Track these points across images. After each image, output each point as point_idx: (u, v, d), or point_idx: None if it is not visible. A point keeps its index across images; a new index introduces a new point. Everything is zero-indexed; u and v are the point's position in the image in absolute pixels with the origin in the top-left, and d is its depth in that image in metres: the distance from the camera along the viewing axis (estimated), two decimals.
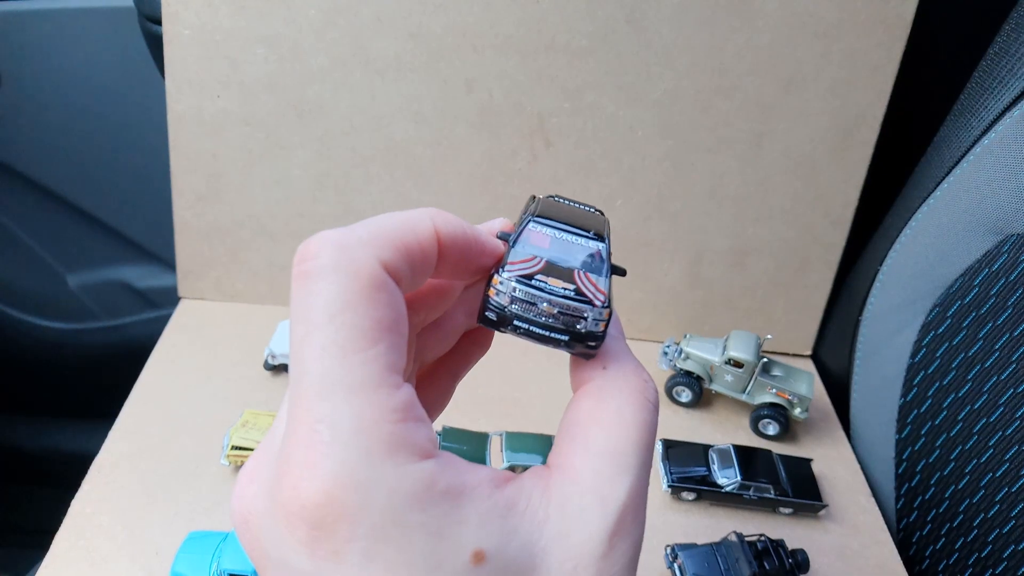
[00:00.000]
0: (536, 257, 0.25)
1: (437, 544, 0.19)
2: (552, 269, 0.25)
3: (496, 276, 0.25)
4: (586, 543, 0.21)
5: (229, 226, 0.74)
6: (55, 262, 1.01)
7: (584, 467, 0.22)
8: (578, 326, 0.25)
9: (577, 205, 0.29)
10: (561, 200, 0.29)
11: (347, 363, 0.20)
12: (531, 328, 0.25)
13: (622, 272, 0.27)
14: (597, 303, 0.25)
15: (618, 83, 0.67)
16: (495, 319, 0.25)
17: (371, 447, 0.19)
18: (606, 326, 0.25)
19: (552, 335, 0.25)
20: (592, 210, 0.29)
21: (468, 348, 0.30)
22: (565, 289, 0.25)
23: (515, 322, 0.25)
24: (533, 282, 0.24)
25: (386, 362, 0.20)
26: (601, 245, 0.26)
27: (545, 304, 0.24)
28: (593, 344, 0.25)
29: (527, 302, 0.24)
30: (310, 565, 0.19)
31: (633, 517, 0.22)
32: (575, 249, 0.26)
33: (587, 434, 0.23)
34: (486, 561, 0.20)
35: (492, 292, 0.25)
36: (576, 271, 0.25)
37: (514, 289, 0.24)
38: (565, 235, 0.26)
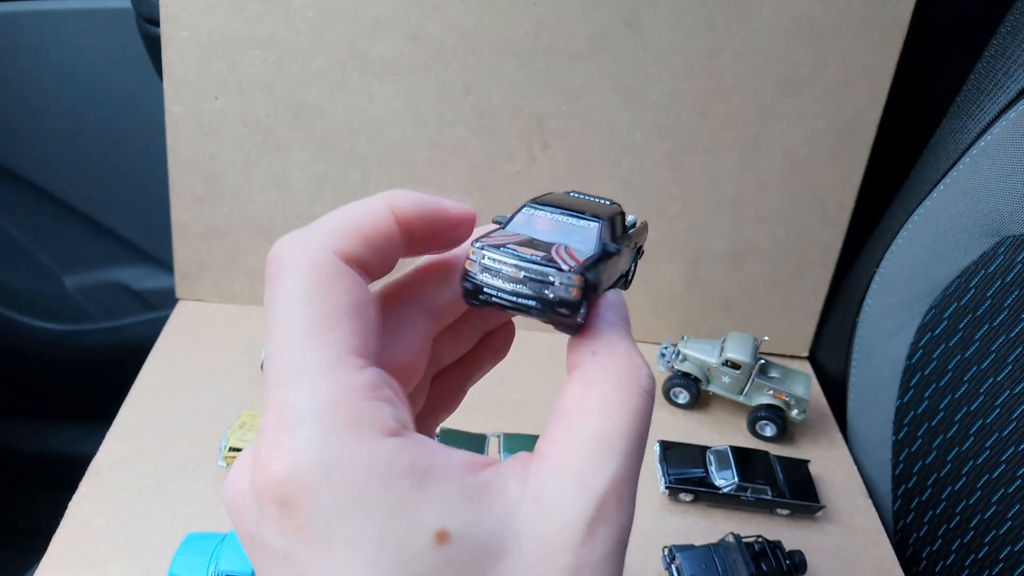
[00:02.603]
0: (519, 234, 0.25)
1: (398, 521, 0.19)
2: (531, 243, 0.25)
3: (471, 248, 0.24)
4: (562, 529, 0.21)
5: (227, 228, 0.74)
6: (52, 263, 1.01)
7: (566, 453, 0.22)
8: (546, 291, 0.24)
9: (591, 198, 0.28)
10: (576, 194, 0.28)
11: (306, 348, 0.21)
12: (500, 295, 0.24)
13: (615, 250, 0.26)
14: (565, 268, 0.24)
15: (616, 86, 0.67)
16: (470, 289, 0.25)
17: (331, 425, 0.20)
18: (580, 293, 0.24)
19: (520, 301, 0.24)
20: (607, 202, 0.28)
21: (483, 354, 0.30)
22: (533, 255, 0.24)
23: (485, 290, 0.24)
24: (502, 250, 0.24)
25: (346, 345, 0.21)
26: (595, 224, 0.25)
27: (511, 269, 0.24)
28: (566, 312, 0.24)
29: (495, 269, 0.24)
30: (282, 542, 0.20)
31: (617, 504, 0.21)
32: (567, 229, 0.25)
33: (571, 420, 0.23)
34: (450, 542, 0.20)
35: (467, 264, 0.24)
36: (556, 245, 0.24)
37: (483, 257, 0.24)
38: (560, 217, 0.26)
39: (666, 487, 0.63)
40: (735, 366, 0.70)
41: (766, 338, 0.72)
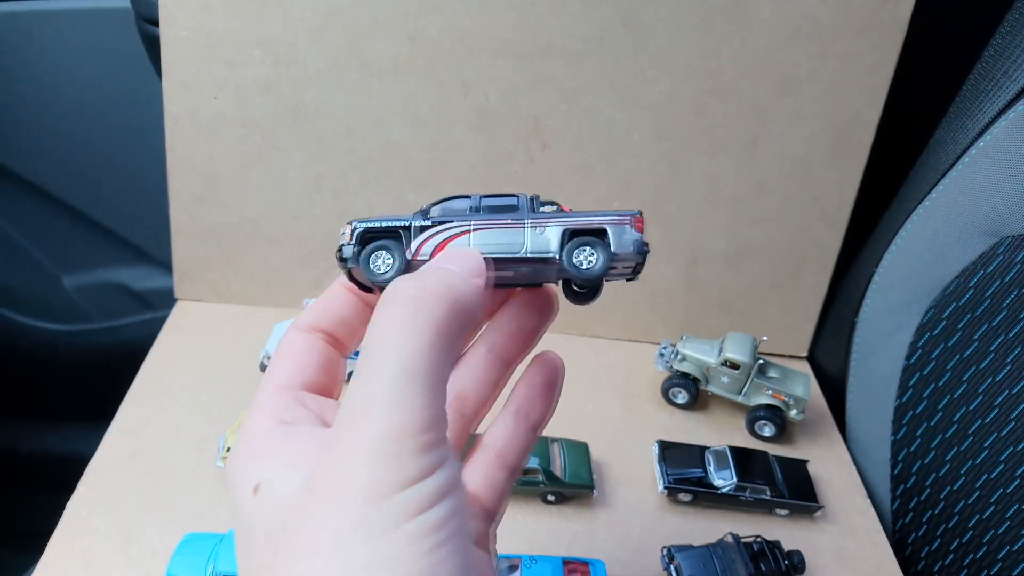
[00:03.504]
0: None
1: (236, 480, 0.27)
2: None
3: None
4: (335, 459, 0.24)
5: (225, 228, 0.74)
6: (51, 263, 1.01)
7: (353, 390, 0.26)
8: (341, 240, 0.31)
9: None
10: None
11: (262, 392, 0.30)
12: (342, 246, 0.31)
13: (411, 223, 0.30)
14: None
15: (614, 86, 0.67)
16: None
17: (246, 428, 0.29)
18: (349, 238, 0.31)
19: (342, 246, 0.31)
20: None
21: (514, 430, 0.33)
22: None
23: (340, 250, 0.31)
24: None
25: (276, 379, 0.30)
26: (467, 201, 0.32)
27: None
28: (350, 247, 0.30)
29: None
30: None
31: (367, 412, 0.24)
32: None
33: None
34: (261, 492, 0.26)
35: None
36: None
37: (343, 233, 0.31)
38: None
39: (665, 487, 0.63)
40: (734, 366, 0.70)
41: (765, 338, 0.72)
